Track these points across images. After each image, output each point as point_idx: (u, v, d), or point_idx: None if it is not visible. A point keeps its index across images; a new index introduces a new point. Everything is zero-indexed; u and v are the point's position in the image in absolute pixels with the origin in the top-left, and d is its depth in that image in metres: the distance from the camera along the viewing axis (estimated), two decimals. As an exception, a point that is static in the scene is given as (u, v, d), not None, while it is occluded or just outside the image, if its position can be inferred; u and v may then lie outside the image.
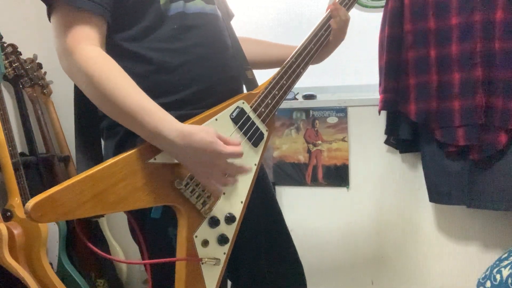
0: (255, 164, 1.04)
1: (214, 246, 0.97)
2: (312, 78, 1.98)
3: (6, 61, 2.02)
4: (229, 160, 0.91)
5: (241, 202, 1.02)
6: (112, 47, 0.97)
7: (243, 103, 1.03)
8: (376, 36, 1.79)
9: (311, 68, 1.27)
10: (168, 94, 0.98)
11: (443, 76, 1.68)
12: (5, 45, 2.04)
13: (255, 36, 1.34)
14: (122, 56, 0.95)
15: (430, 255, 1.92)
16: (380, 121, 1.89)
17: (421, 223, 1.92)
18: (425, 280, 1.94)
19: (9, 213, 1.82)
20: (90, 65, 0.88)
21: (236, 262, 1.21)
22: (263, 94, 1.07)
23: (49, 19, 0.97)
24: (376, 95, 1.84)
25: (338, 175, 2.00)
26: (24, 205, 1.84)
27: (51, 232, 1.94)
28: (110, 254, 2.18)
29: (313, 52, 1.19)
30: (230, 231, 0.99)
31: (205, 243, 0.95)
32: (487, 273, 1.59)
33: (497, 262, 1.59)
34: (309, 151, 2.02)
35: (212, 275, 0.96)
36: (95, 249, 0.96)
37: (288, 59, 1.14)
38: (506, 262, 1.54)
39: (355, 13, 1.95)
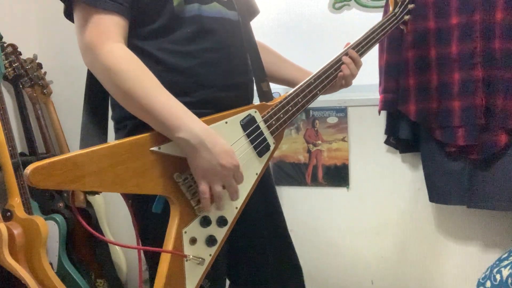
0: (257, 174, 1.05)
1: (202, 245, 0.97)
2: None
3: (6, 61, 2.02)
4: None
5: (236, 208, 1.02)
6: (127, 44, 0.98)
7: (255, 112, 1.05)
8: (376, 36, 1.79)
9: (310, 68, 1.27)
10: (182, 95, 0.98)
11: (443, 76, 1.68)
12: (5, 45, 2.04)
13: (256, 36, 1.34)
14: (134, 53, 0.96)
15: (430, 255, 1.92)
16: (380, 121, 1.89)
17: (421, 223, 1.92)
18: (425, 280, 1.94)
19: (9, 213, 1.81)
20: (115, 62, 0.90)
21: (236, 262, 1.21)
22: (277, 107, 1.08)
23: (65, 15, 1.00)
24: (376, 95, 1.84)
25: (338, 175, 2.00)
26: (24, 205, 1.84)
27: (51, 232, 1.94)
28: (110, 254, 2.19)
29: (332, 78, 1.20)
30: (220, 233, 0.99)
31: (193, 241, 0.95)
32: (487, 273, 1.59)
33: (497, 262, 1.59)
34: (309, 151, 2.02)
35: (194, 275, 0.96)
36: (93, 231, 0.95)
37: (308, 78, 1.15)
38: (506, 262, 1.54)
39: (355, 13, 1.95)
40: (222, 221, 0.99)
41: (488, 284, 1.55)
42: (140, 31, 0.99)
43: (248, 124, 1.03)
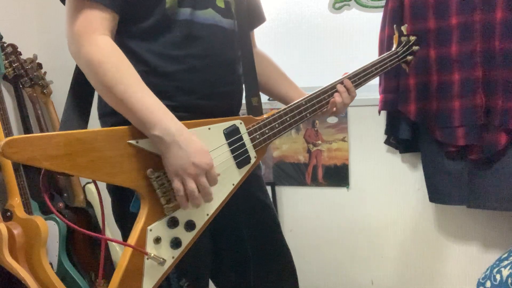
0: (233, 184, 1.04)
1: (166, 246, 0.96)
2: (312, 78, 1.98)
3: (6, 61, 2.03)
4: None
5: (207, 214, 1.00)
6: (115, 40, 0.98)
7: (241, 123, 1.05)
8: (376, 36, 1.79)
9: (311, 68, 1.27)
10: (160, 98, 0.96)
11: (443, 76, 1.68)
12: (5, 45, 2.04)
13: (256, 36, 1.34)
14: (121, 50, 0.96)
15: (430, 255, 1.92)
16: (380, 121, 1.89)
17: (421, 223, 1.92)
18: (425, 280, 1.94)
19: (9, 213, 1.82)
20: (98, 54, 0.90)
21: (220, 270, 1.19)
22: (263, 122, 1.07)
23: (62, 2, 1.00)
24: (376, 95, 1.84)
25: (338, 175, 2.00)
26: (24, 205, 1.85)
27: (51, 232, 1.94)
28: (110, 254, 2.19)
29: (324, 104, 1.18)
30: (186, 238, 0.98)
31: (157, 240, 0.94)
32: (487, 273, 1.59)
33: (497, 262, 1.59)
34: (309, 151, 2.02)
35: (152, 275, 0.95)
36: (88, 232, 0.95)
37: (300, 99, 1.13)
38: (506, 262, 1.54)
39: (355, 13, 1.95)
40: (190, 225, 0.98)
41: (488, 284, 1.55)
42: (129, 29, 0.99)
43: (231, 134, 1.03)
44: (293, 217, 2.09)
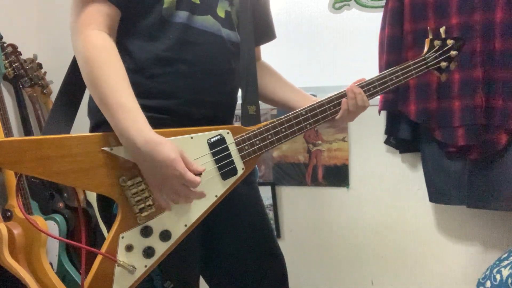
0: (216, 196, 0.99)
1: (138, 255, 0.95)
2: (312, 78, 1.99)
3: (6, 61, 2.03)
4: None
5: (185, 225, 0.97)
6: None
7: (228, 133, 1.00)
8: (376, 36, 1.79)
9: (311, 68, 1.26)
10: (141, 97, 0.95)
11: (443, 76, 1.69)
12: (5, 45, 2.04)
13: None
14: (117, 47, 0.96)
15: (430, 255, 1.92)
16: (380, 121, 1.89)
17: (421, 223, 1.92)
18: (425, 280, 1.94)
19: (9, 213, 1.82)
20: (89, 49, 0.90)
21: (215, 273, 1.18)
22: (253, 133, 1.02)
23: None
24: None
25: (338, 175, 2.00)
26: (24, 205, 1.85)
27: (51, 232, 1.94)
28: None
29: (329, 114, 1.10)
30: (161, 247, 0.96)
31: (129, 247, 0.94)
32: (487, 273, 1.59)
33: (497, 262, 1.59)
34: (309, 151, 2.02)
35: (123, 282, 0.94)
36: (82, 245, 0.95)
37: (299, 109, 1.06)
38: (506, 262, 1.54)
39: (355, 13, 1.95)
40: (165, 235, 0.96)
41: (488, 284, 1.55)
42: (127, 26, 0.98)
43: (216, 144, 0.99)
44: (293, 217, 2.09)
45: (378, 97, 1.80)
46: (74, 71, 1.01)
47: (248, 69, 1.09)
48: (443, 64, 1.20)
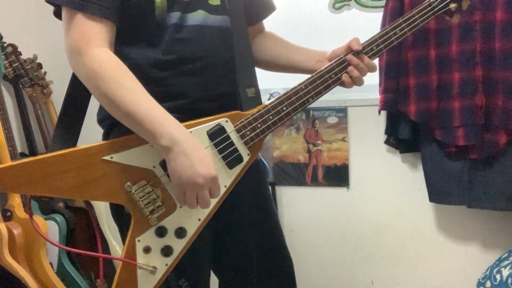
0: (226, 186, 0.99)
1: (156, 255, 0.96)
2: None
3: (6, 61, 2.03)
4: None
5: (199, 219, 0.98)
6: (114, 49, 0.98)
7: (227, 121, 0.98)
8: (376, 36, 1.79)
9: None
10: None
11: (443, 76, 1.68)
12: (5, 45, 2.04)
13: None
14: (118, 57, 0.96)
15: (430, 255, 1.92)
16: (380, 121, 1.89)
17: (421, 223, 1.92)
18: (425, 280, 1.94)
19: (9, 213, 1.82)
20: (98, 67, 0.90)
21: (226, 270, 1.19)
22: (253, 117, 1.00)
23: (55, 16, 1.01)
24: (376, 95, 1.84)
25: (338, 175, 2.00)
26: (24, 205, 1.85)
27: (51, 232, 1.94)
28: (110, 254, 2.18)
29: (332, 82, 1.05)
30: (178, 244, 0.97)
31: (146, 249, 0.95)
32: (487, 273, 1.59)
33: (497, 262, 1.59)
34: (309, 151, 2.02)
35: (147, 283, 0.96)
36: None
37: (298, 84, 1.03)
38: (506, 262, 1.54)
39: (355, 13, 1.95)
40: (181, 232, 0.97)
41: (488, 284, 1.55)
42: (126, 37, 0.99)
43: (216, 134, 0.97)
44: (293, 217, 2.09)
45: (378, 97, 1.80)
46: (74, 85, 1.02)
47: (240, 51, 1.06)
48: (453, 6, 1.05)
